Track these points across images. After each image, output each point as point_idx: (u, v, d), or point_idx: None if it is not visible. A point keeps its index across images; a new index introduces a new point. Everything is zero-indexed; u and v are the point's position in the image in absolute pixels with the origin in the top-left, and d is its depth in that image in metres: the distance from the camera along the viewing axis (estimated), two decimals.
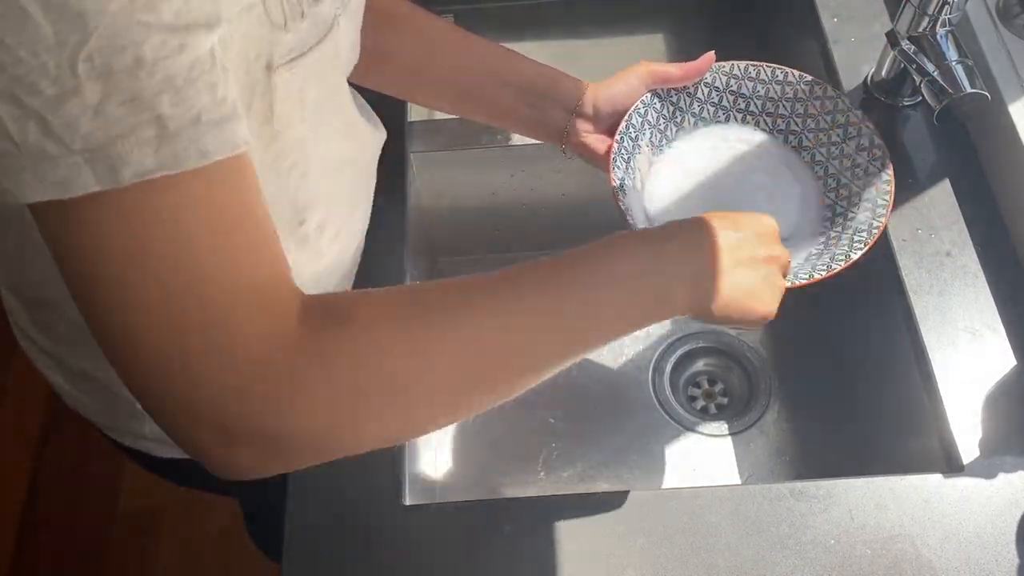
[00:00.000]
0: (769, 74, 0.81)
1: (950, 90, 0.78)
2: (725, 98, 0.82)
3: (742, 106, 0.82)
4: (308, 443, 0.46)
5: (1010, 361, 0.77)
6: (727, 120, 0.83)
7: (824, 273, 0.69)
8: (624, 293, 0.55)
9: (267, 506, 0.78)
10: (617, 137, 0.76)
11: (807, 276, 0.70)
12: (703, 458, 0.95)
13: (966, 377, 0.76)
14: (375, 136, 0.73)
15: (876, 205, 0.75)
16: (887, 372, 0.87)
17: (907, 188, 0.86)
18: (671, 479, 0.94)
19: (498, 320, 0.50)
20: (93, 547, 1.69)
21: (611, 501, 0.73)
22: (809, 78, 0.80)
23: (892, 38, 0.85)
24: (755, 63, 0.81)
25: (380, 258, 0.83)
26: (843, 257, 0.71)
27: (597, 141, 0.78)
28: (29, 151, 0.38)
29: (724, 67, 0.81)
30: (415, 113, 0.97)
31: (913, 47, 0.82)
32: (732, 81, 0.81)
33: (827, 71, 0.96)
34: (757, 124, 0.82)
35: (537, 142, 0.88)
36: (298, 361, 0.43)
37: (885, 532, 0.69)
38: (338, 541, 0.71)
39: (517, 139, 0.94)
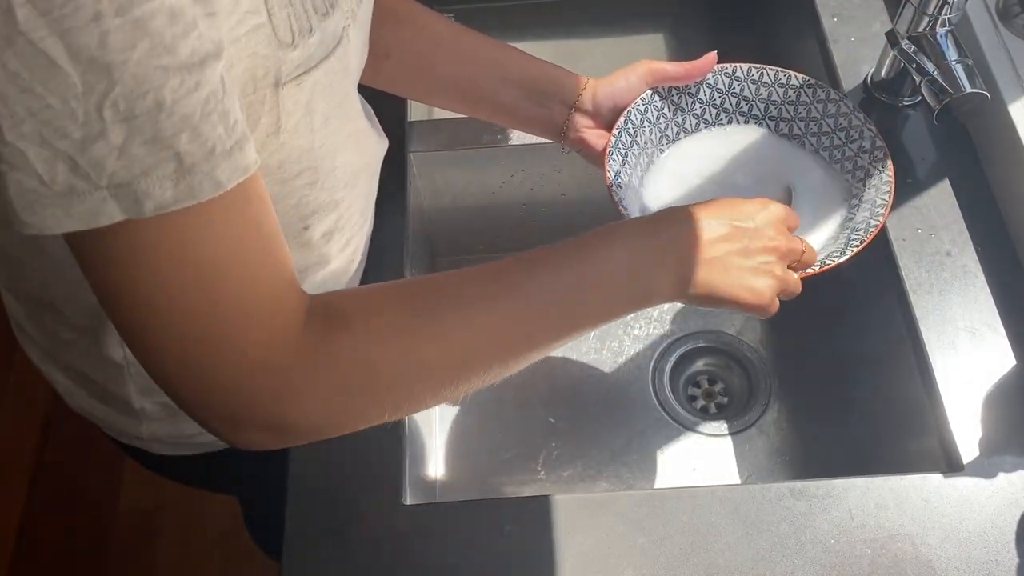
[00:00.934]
0: (771, 76, 0.81)
1: (950, 90, 0.78)
2: (727, 100, 0.82)
3: (744, 108, 0.82)
4: (308, 430, 0.51)
5: (1010, 361, 0.77)
6: (729, 122, 0.83)
7: (817, 268, 0.70)
8: (610, 280, 0.58)
9: (266, 506, 0.78)
10: (615, 132, 0.76)
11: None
12: (703, 458, 0.95)
13: (966, 377, 0.76)
14: (380, 144, 0.73)
15: (875, 205, 0.75)
16: (887, 372, 0.87)
17: (907, 188, 0.86)
18: (671, 479, 0.94)
19: (489, 310, 0.54)
20: (93, 547, 1.69)
21: (611, 501, 0.73)
22: (811, 80, 0.80)
23: (892, 38, 0.85)
24: (757, 65, 0.81)
25: (380, 258, 0.83)
26: (838, 253, 0.71)
27: (596, 137, 0.78)
28: (58, 189, 0.41)
29: (726, 68, 0.81)
30: (415, 113, 0.97)
31: (913, 47, 0.83)
32: (734, 83, 0.81)
33: (827, 71, 0.96)
34: (759, 125, 0.82)
35: (537, 141, 0.88)
36: (300, 363, 0.48)
37: (885, 532, 0.69)
38: (338, 541, 0.71)
39: (517, 139, 0.94)
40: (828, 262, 0.70)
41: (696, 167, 0.81)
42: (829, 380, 0.98)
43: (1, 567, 1.66)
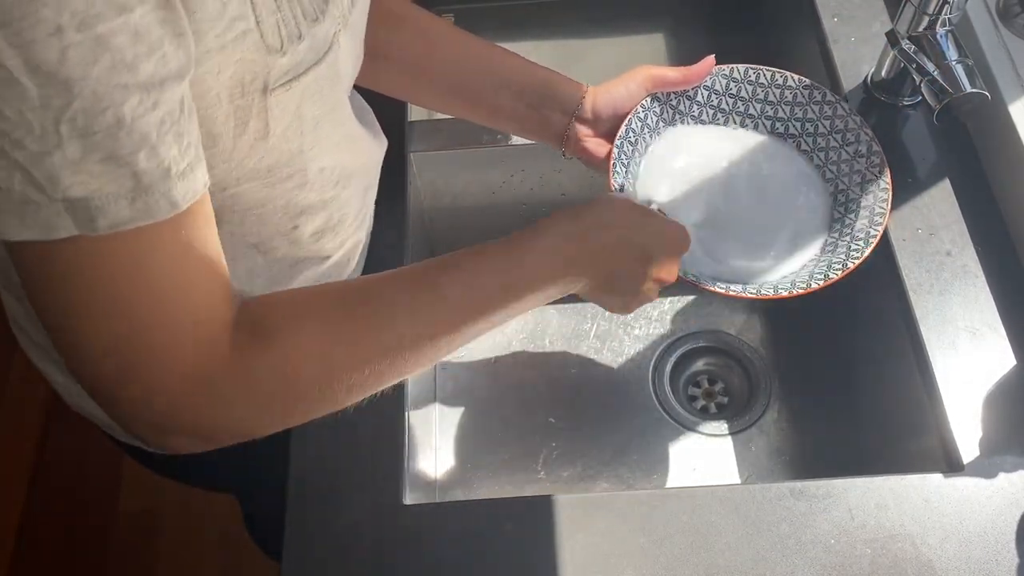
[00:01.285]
0: (768, 78, 0.81)
1: (950, 90, 0.78)
2: (724, 101, 0.82)
3: (741, 109, 0.82)
4: (231, 435, 0.54)
5: (1010, 361, 0.77)
6: (726, 123, 0.83)
7: (821, 283, 0.71)
8: (519, 287, 0.61)
9: (266, 506, 0.78)
10: (617, 142, 0.76)
11: (804, 286, 0.72)
12: (703, 458, 0.95)
13: (966, 377, 0.76)
14: (377, 146, 0.73)
15: (874, 213, 0.75)
16: (887, 372, 0.87)
17: (907, 188, 0.86)
18: (671, 479, 0.94)
19: (410, 318, 0.57)
20: (93, 547, 1.69)
21: (611, 501, 0.73)
22: (808, 82, 0.80)
23: (892, 38, 0.85)
24: (755, 66, 0.81)
25: (380, 258, 0.83)
26: (840, 266, 0.72)
27: (596, 145, 0.78)
28: (14, 196, 0.42)
29: (724, 70, 0.81)
30: (415, 113, 0.97)
31: (913, 47, 0.82)
32: (732, 84, 0.81)
33: (827, 70, 0.96)
34: (756, 127, 0.82)
35: (537, 143, 0.88)
36: (225, 375, 0.50)
37: (885, 532, 0.69)
38: (338, 541, 0.71)
39: (517, 139, 0.94)
40: (832, 275, 0.71)
41: (694, 168, 0.80)
42: (829, 380, 0.98)
43: (1, 567, 1.66)
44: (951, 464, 0.73)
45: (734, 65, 0.81)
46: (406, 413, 0.78)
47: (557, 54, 1.21)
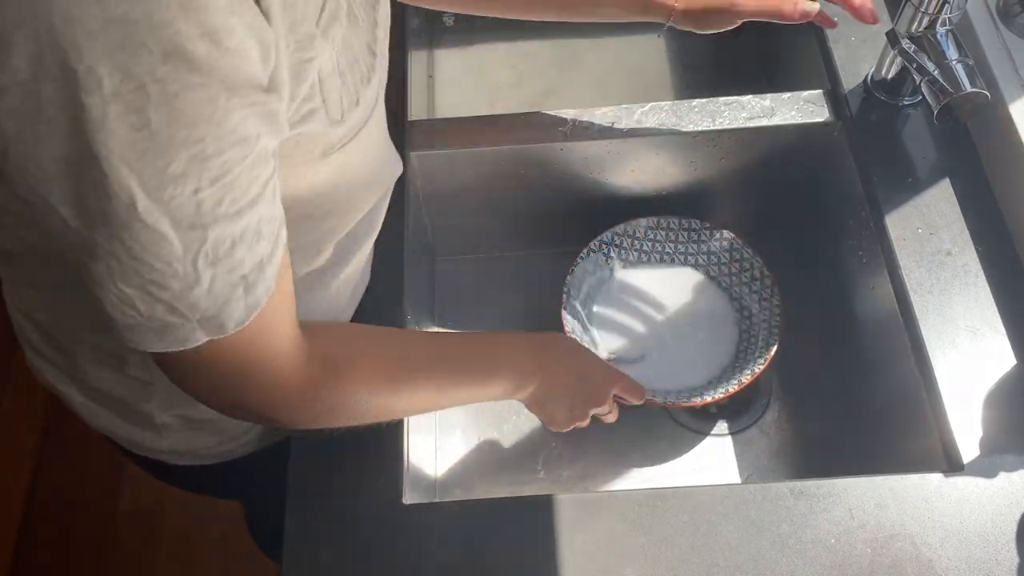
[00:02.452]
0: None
1: (950, 89, 0.78)
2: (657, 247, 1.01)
3: (669, 251, 1.01)
4: (301, 427, 0.66)
5: (1010, 360, 0.77)
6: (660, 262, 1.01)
7: (736, 388, 0.90)
8: (496, 376, 0.74)
9: (269, 508, 0.79)
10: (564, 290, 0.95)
11: (723, 391, 0.90)
12: (703, 457, 0.95)
13: (966, 376, 0.76)
14: (396, 168, 0.75)
15: (772, 326, 0.93)
16: (887, 371, 0.87)
17: (907, 187, 0.86)
18: (671, 478, 0.94)
19: (427, 378, 0.70)
20: (93, 547, 1.69)
21: (611, 500, 0.73)
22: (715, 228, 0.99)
23: (892, 37, 0.85)
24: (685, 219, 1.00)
25: (380, 258, 0.83)
26: (749, 373, 0.91)
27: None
28: (154, 323, 0.48)
29: (661, 222, 1.00)
30: (415, 112, 0.97)
31: (913, 46, 0.82)
32: (668, 234, 1.01)
33: (827, 70, 0.96)
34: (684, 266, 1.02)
35: (536, 144, 0.88)
36: (303, 392, 0.60)
37: (885, 531, 0.69)
38: (338, 541, 0.71)
39: (517, 139, 0.94)
40: (744, 380, 0.90)
41: (630, 301, 1.00)
42: (829, 380, 0.98)
43: (1, 567, 1.66)
44: (951, 464, 0.73)
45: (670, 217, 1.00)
46: None
47: (557, 54, 1.21)
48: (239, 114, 0.44)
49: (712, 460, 0.95)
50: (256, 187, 0.47)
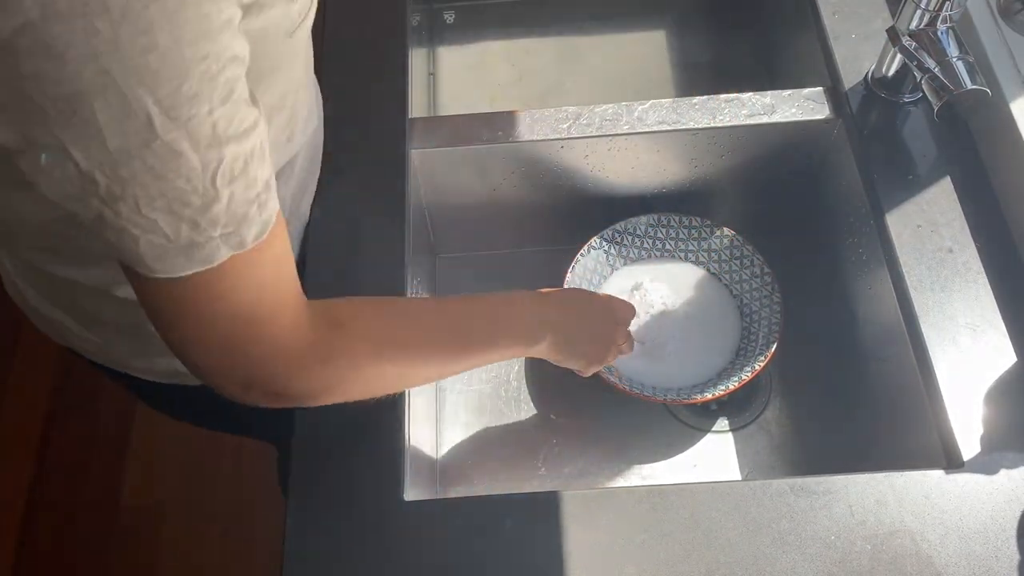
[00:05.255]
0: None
1: (951, 86, 0.78)
2: (660, 243, 1.02)
3: (669, 247, 1.02)
4: (303, 400, 0.64)
5: (1011, 357, 0.77)
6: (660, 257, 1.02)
7: (736, 385, 0.90)
8: (510, 331, 0.77)
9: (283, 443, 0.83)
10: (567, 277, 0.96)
11: (723, 388, 0.91)
12: (704, 454, 0.95)
13: (967, 373, 0.76)
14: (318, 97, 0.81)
15: (772, 324, 0.94)
16: (887, 368, 0.87)
17: (908, 185, 0.86)
18: (671, 475, 0.94)
19: (432, 336, 0.71)
20: (94, 545, 1.69)
21: (612, 497, 0.73)
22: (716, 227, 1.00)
23: (893, 34, 0.85)
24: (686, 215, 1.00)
25: (380, 257, 0.83)
26: (750, 370, 0.91)
27: None
28: (180, 243, 0.50)
29: (662, 219, 1.01)
30: (416, 110, 0.97)
31: (914, 43, 0.82)
32: (669, 231, 1.01)
33: (828, 68, 0.96)
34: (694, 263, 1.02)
35: (537, 141, 0.88)
36: (307, 350, 0.60)
37: (885, 528, 0.69)
38: (338, 537, 0.72)
39: (518, 136, 0.94)
40: (744, 376, 0.91)
41: (630, 298, 0.99)
42: (830, 376, 0.98)
43: (2, 565, 1.66)
44: (951, 460, 0.74)
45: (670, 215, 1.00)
46: (407, 409, 0.78)
47: (558, 52, 1.21)
48: (228, 32, 0.47)
49: (712, 457, 0.95)
50: (256, 110, 0.51)
